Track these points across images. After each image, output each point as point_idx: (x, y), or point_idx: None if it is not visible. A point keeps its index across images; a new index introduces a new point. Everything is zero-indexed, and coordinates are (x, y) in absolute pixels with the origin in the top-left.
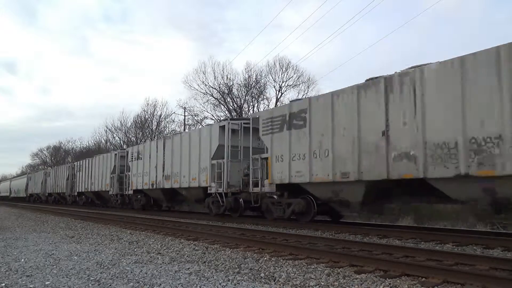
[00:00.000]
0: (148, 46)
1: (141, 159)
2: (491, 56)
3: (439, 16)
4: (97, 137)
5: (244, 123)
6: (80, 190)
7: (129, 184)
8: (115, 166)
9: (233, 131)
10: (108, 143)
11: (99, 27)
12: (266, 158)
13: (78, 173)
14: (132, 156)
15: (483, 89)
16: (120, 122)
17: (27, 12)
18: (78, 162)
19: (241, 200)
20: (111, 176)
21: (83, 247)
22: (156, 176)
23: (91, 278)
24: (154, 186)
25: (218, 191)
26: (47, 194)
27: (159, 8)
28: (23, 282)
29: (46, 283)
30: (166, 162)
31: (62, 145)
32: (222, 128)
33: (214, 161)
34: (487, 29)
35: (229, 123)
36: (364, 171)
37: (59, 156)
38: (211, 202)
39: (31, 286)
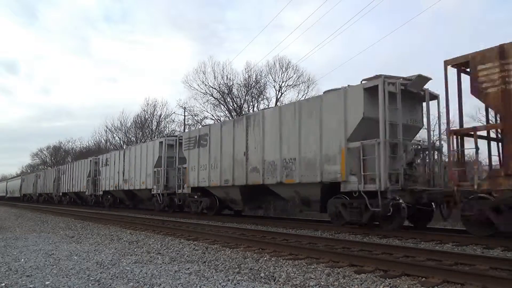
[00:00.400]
0: (148, 46)
1: (108, 165)
2: (291, 107)
3: (439, 16)
4: (97, 137)
5: (179, 139)
6: (64, 191)
7: (100, 186)
8: (90, 170)
9: (170, 145)
10: (108, 143)
11: (100, 27)
12: (185, 168)
13: (62, 175)
14: (102, 163)
15: (287, 128)
16: (120, 122)
17: (27, 12)
18: (63, 166)
19: (175, 199)
20: (87, 179)
21: (83, 247)
22: (118, 180)
23: (91, 278)
24: (117, 188)
25: (158, 192)
26: (37, 194)
27: (160, 8)
28: (23, 282)
29: (46, 283)
30: (125, 168)
31: (62, 145)
32: (161, 143)
33: (155, 169)
34: (487, 29)
35: (165, 139)
36: (236, 179)
37: (59, 156)
38: (155, 201)
39: (31, 286)
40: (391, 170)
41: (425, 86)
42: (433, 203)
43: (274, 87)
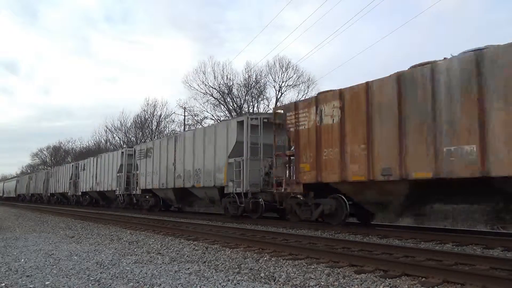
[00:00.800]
0: (148, 46)
1: (85, 170)
2: (201, 131)
3: (439, 16)
4: (97, 137)
5: (135, 150)
6: (52, 192)
7: (79, 187)
8: (72, 174)
9: (130, 155)
10: (108, 143)
11: (100, 27)
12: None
13: (50, 178)
14: (81, 167)
15: (198, 147)
16: (120, 122)
17: (28, 13)
18: (51, 169)
19: (134, 198)
20: (70, 181)
21: (83, 247)
22: (92, 182)
23: (91, 278)
24: (92, 189)
25: (120, 193)
26: (30, 194)
27: (160, 8)
28: (23, 282)
29: (46, 283)
30: (98, 173)
31: (62, 145)
32: (122, 153)
33: (118, 174)
34: (486, 29)
35: (126, 150)
36: (168, 183)
37: (59, 156)
38: (118, 200)
39: (31, 286)
40: (252, 178)
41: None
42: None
43: (274, 87)
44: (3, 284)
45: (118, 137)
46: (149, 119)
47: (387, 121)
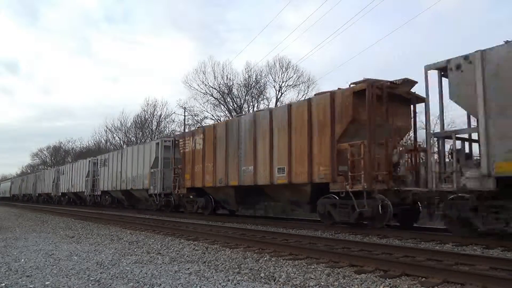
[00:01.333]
0: (149, 47)
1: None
2: (135, 148)
3: (439, 16)
4: (97, 137)
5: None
6: (39, 192)
7: (60, 188)
8: (54, 177)
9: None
10: (108, 143)
11: (101, 28)
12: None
13: (38, 180)
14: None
15: (135, 159)
16: (120, 122)
17: (28, 13)
18: (39, 172)
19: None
20: (53, 184)
21: (83, 247)
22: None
23: (91, 278)
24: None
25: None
26: (22, 195)
27: (161, 8)
28: (23, 282)
29: (46, 283)
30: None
31: (62, 145)
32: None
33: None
34: (487, 29)
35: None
36: (121, 186)
37: (59, 156)
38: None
39: (31, 286)
40: (166, 183)
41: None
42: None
43: (274, 87)
44: (3, 284)
45: (118, 137)
46: (149, 119)
47: (221, 149)
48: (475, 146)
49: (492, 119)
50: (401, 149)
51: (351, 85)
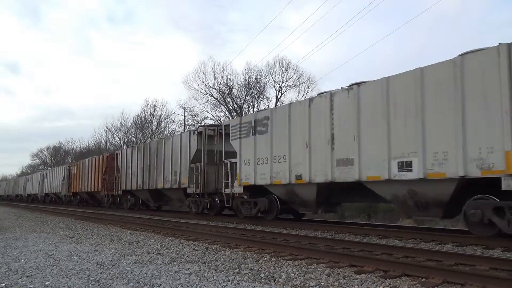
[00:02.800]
0: (150, 47)
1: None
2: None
3: (440, 16)
4: (97, 138)
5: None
6: (28, 193)
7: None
8: (39, 180)
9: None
10: (108, 143)
11: (102, 28)
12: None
13: (27, 182)
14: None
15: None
16: (120, 122)
17: (30, 13)
18: (28, 176)
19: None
20: (38, 185)
21: (83, 247)
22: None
23: (91, 278)
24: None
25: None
26: (15, 195)
27: (162, 9)
28: (23, 283)
29: (46, 283)
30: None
31: (62, 145)
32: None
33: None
34: (487, 29)
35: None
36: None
37: (59, 156)
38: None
39: (31, 286)
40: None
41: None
42: None
43: (274, 87)
44: (3, 284)
45: (118, 137)
46: (149, 119)
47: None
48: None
49: None
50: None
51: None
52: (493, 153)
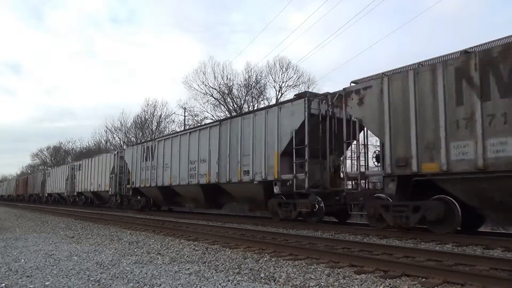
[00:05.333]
0: (152, 48)
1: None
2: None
3: (440, 16)
4: (97, 138)
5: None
6: (19, 193)
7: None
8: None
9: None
10: (108, 144)
11: (104, 29)
12: None
13: (18, 184)
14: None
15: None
16: (120, 122)
17: (33, 14)
18: (20, 177)
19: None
20: (111, 175)
21: (83, 248)
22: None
23: (91, 279)
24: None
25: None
26: (7, 195)
27: (165, 10)
28: (23, 283)
29: (46, 283)
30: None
31: (62, 145)
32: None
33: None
34: (487, 29)
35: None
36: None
37: (59, 156)
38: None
39: (31, 286)
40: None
41: None
42: None
43: (274, 87)
44: (3, 284)
45: (118, 137)
46: (149, 119)
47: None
48: None
49: None
50: None
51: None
52: None
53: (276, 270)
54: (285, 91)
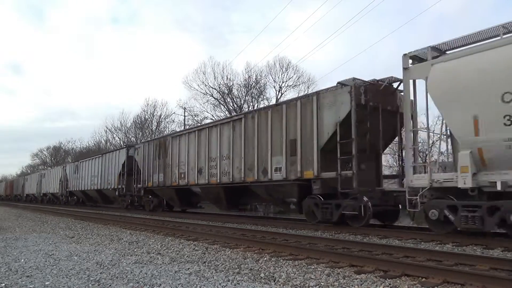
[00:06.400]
0: (152, 48)
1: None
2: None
3: (441, 16)
4: (97, 138)
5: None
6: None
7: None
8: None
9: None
10: (108, 143)
11: (105, 29)
12: None
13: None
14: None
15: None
16: (120, 122)
17: (34, 14)
18: (15, 179)
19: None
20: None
21: (83, 247)
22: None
23: (91, 278)
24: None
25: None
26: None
27: (165, 10)
28: (23, 283)
29: (46, 283)
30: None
31: (62, 145)
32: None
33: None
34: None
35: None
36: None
37: (59, 156)
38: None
39: (31, 286)
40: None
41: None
42: None
43: (274, 87)
44: (3, 284)
45: (118, 137)
46: (149, 119)
47: None
48: None
49: None
50: None
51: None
52: None
53: (276, 270)
54: (285, 91)
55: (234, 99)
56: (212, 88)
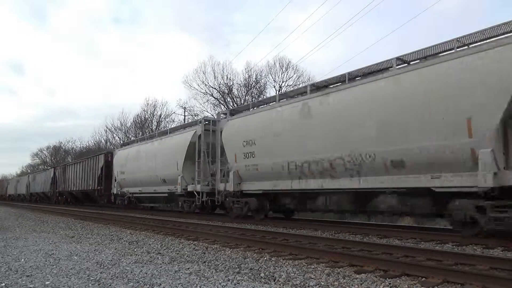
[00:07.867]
0: (153, 48)
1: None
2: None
3: (441, 16)
4: (97, 137)
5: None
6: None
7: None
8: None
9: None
10: (108, 143)
11: (107, 29)
12: None
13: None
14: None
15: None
16: (120, 122)
17: (35, 14)
18: (10, 180)
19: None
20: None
21: (83, 247)
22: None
23: (91, 278)
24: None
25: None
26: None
27: (166, 10)
28: (23, 282)
29: (46, 283)
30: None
31: (62, 145)
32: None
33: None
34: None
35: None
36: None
37: (59, 156)
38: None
39: (31, 286)
40: None
41: None
42: None
43: (274, 87)
44: (3, 284)
45: (118, 137)
46: (149, 119)
47: None
48: None
49: None
50: None
51: None
52: None
53: (276, 269)
54: (285, 91)
55: (234, 98)
56: (212, 87)
